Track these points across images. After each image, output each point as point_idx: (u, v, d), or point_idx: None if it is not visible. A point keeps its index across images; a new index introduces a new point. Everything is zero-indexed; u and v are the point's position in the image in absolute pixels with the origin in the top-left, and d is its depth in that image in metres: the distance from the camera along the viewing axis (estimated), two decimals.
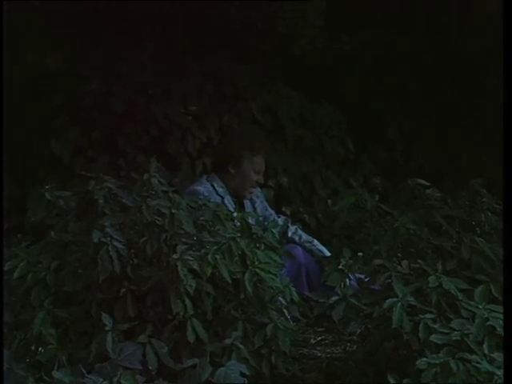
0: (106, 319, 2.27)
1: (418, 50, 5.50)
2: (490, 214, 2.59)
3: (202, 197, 3.16)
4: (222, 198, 3.54)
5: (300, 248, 3.56)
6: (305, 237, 3.66)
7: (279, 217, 3.81)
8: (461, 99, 5.31)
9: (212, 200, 3.08)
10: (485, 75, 5.44)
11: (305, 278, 3.47)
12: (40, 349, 2.26)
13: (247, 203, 3.69)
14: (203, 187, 3.57)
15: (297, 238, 3.64)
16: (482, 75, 5.44)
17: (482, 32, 5.73)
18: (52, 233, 2.48)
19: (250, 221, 2.97)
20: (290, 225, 3.72)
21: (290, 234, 3.65)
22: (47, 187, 2.59)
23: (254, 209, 3.67)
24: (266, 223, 3.42)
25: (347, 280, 2.51)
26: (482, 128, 5.31)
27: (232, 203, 3.55)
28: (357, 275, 2.95)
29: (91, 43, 4.88)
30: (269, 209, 3.80)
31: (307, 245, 3.61)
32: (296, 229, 3.71)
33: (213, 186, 3.59)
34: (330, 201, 4.51)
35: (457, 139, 5.27)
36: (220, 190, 3.58)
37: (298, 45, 5.82)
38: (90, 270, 2.34)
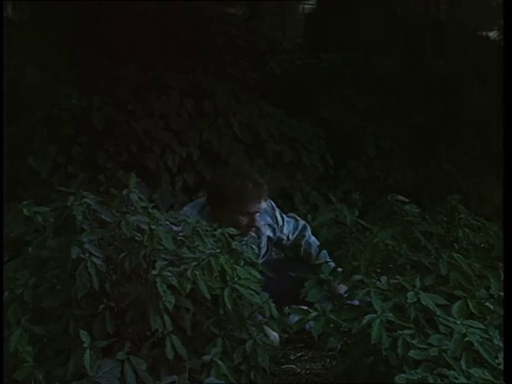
0: (84, 336, 2.25)
1: (396, 69, 5.57)
2: (467, 230, 2.61)
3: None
4: None
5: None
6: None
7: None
8: (438, 117, 5.38)
9: None
10: (461, 94, 5.53)
11: None
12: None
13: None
14: (192, 212, 3.18)
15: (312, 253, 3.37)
16: (458, 93, 5.52)
17: (459, 51, 5.82)
18: (29, 249, 2.46)
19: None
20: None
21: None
22: (25, 203, 2.57)
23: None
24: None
25: None
26: (459, 145, 5.38)
27: None
28: None
29: (71, 59, 4.88)
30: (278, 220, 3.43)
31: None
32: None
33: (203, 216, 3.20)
34: (309, 216, 4.52)
35: (434, 156, 5.33)
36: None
37: (277, 62, 5.87)
38: (68, 287, 2.32)
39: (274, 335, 2.74)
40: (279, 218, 3.43)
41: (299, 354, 2.96)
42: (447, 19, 6.59)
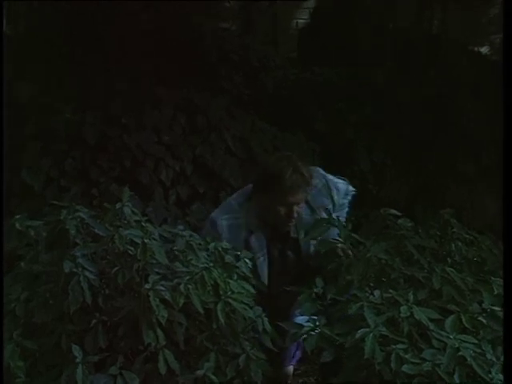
0: (76, 351, 2.24)
1: (389, 83, 5.61)
2: (460, 244, 2.62)
3: (215, 233, 2.89)
4: (252, 233, 3.02)
5: None
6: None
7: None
8: (430, 130, 5.41)
9: (228, 236, 2.86)
10: (454, 108, 5.56)
11: None
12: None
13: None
14: (228, 216, 3.04)
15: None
16: (450, 107, 5.55)
17: (451, 65, 5.86)
18: (22, 263, 2.45)
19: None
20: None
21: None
22: (18, 217, 2.56)
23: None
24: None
25: None
26: (452, 158, 5.40)
27: (263, 240, 3.04)
28: None
29: (64, 74, 4.89)
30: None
31: None
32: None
33: (247, 215, 3.04)
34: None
35: (427, 169, 5.35)
36: (254, 221, 3.03)
37: (271, 76, 5.89)
38: (61, 301, 2.31)
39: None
40: (335, 196, 3.18)
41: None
42: (439, 34, 6.64)
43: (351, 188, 3.28)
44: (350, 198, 3.28)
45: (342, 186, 3.23)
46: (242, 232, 2.99)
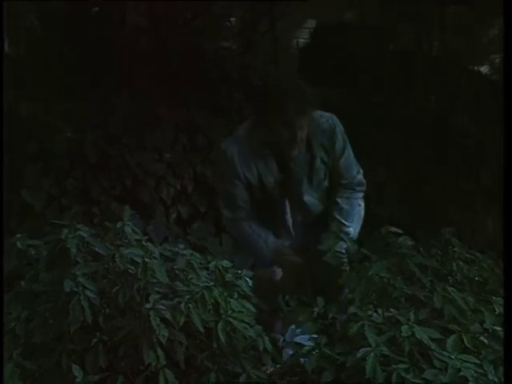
0: (76, 370, 2.23)
1: (389, 103, 5.63)
2: (461, 263, 2.61)
3: (225, 161, 2.93)
4: (259, 158, 3.00)
5: None
6: None
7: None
8: (431, 150, 5.43)
9: (238, 162, 2.90)
10: (454, 127, 5.58)
11: None
12: None
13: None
14: (234, 144, 3.01)
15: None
16: (451, 127, 5.57)
17: (452, 85, 5.89)
18: (22, 283, 2.45)
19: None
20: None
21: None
22: (18, 236, 2.56)
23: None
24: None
25: None
26: (452, 178, 5.41)
27: (271, 164, 3.01)
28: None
29: (65, 93, 4.91)
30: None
31: None
32: None
33: (251, 141, 3.00)
34: None
35: (427, 188, 5.36)
36: (257, 146, 2.99)
37: None
38: (61, 321, 2.31)
39: None
40: (340, 140, 3.14)
41: None
42: (439, 55, 6.67)
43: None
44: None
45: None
46: (251, 160, 2.99)
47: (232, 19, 7.20)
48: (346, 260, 2.77)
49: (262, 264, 3.13)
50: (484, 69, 7.86)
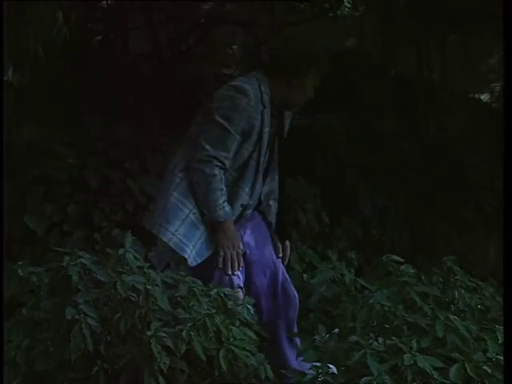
0: None
1: (390, 129, 5.65)
2: (463, 291, 2.61)
3: (246, 99, 2.94)
4: (264, 107, 3.03)
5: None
6: None
7: None
8: (431, 177, 5.44)
9: (251, 114, 2.92)
10: (454, 155, 5.59)
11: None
12: None
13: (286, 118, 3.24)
14: (251, 87, 3.01)
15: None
16: (451, 155, 5.59)
17: (452, 112, 5.91)
18: (23, 310, 2.44)
19: None
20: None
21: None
22: (20, 263, 2.56)
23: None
24: None
25: None
26: (453, 205, 5.42)
27: (269, 116, 3.06)
28: None
29: (67, 119, 4.93)
30: None
31: None
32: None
33: (261, 90, 3.04)
34: (305, 275, 4.51)
35: (429, 215, 5.36)
36: (266, 97, 3.04)
37: None
38: (62, 349, 2.30)
39: None
40: None
41: None
42: (439, 82, 6.71)
43: None
44: None
45: None
46: (259, 104, 3.01)
47: (234, 46, 7.26)
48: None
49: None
50: (484, 97, 7.90)
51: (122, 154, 4.67)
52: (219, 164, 2.96)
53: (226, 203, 2.97)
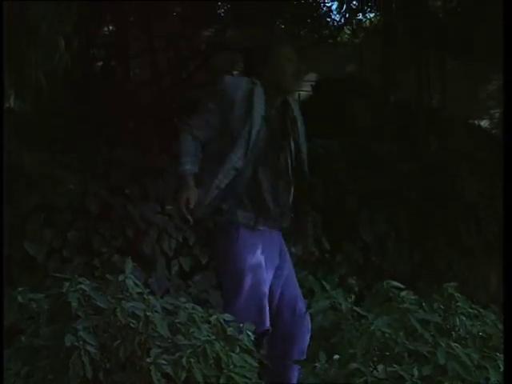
0: None
1: (390, 155, 5.66)
2: (464, 318, 2.59)
3: (226, 80, 3.30)
4: (251, 91, 3.30)
5: None
6: None
7: None
8: (432, 202, 5.44)
9: (235, 86, 3.23)
10: (455, 180, 5.60)
11: None
12: None
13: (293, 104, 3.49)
14: (235, 78, 3.45)
15: None
16: (451, 180, 5.59)
17: (452, 138, 5.93)
18: (22, 338, 2.43)
19: None
20: None
21: None
22: (20, 289, 2.55)
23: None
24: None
25: None
26: (454, 230, 5.41)
27: (259, 95, 3.31)
28: None
29: (67, 143, 4.95)
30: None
31: None
32: None
33: (252, 82, 3.33)
34: (306, 301, 4.49)
35: (429, 241, 5.35)
36: (248, 84, 3.33)
37: None
38: (61, 376, 2.28)
39: None
40: None
41: None
42: (439, 108, 6.74)
43: None
44: None
45: None
46: (243, 86, 3.31)
47: (234, 73, 7.29)
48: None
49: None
50: (484, 123, 7.93)
51: (122, 179, 4.68)
52: (190, 131, 3.30)
53: (187, 163, 3.27)
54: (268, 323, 3.17)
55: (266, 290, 3.23)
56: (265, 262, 3.26)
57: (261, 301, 3.19)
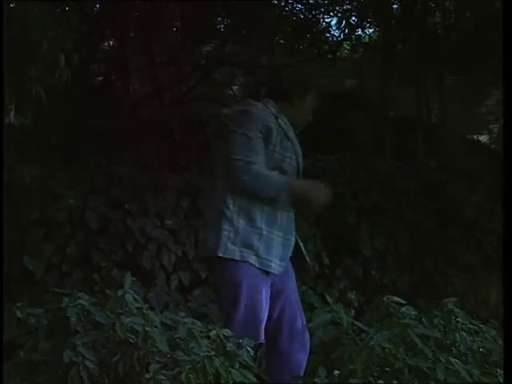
0: None
1: (389, 170, 5.67)
2: (464, 334, 2.58)
3: (254, 107, 3.12)
4: (277, 118, 3.19)
5: None
6: None
7: None
8: (431, 217, 5.44)
9: (264, 118, 3.10)
10: (454, 195, 5.60)
11: None
12: None
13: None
14: (255, 107, 3.17)
15: None
16: (451, 195, 5.60)
17: (451, 153, 5.94)
18: (21, 353, 2.42)
19: None
20: None
21: None
22: (19, 304, 2.54)
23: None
24: None
25: None
26: (454, 245, 5.41)
27: (287, 123, 3.23)
28: None
29: (67, 160, 4.95)
30: None
31: None
32: None
33: (266, 106, 3.22)
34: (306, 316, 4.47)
35: (429, 256, 5.35)
36: (273, 109, 3.22)
37: None
38: None
39: None
40: None
41: None
42: (438, 123, 6.77)
43: None
44: None
45: None
46: (269, 114, 3.19)
47: (234, 87, 7.33)
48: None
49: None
50: (483, 138, 7.95)
51: (122, 193, 4.68)
52: (253, 165, 3.09)
53: (277, 175, 3.16)
54: (262, 336, 3.15)
55: (264, 302, 3.21)
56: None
57: (258, 313, 3.16)
